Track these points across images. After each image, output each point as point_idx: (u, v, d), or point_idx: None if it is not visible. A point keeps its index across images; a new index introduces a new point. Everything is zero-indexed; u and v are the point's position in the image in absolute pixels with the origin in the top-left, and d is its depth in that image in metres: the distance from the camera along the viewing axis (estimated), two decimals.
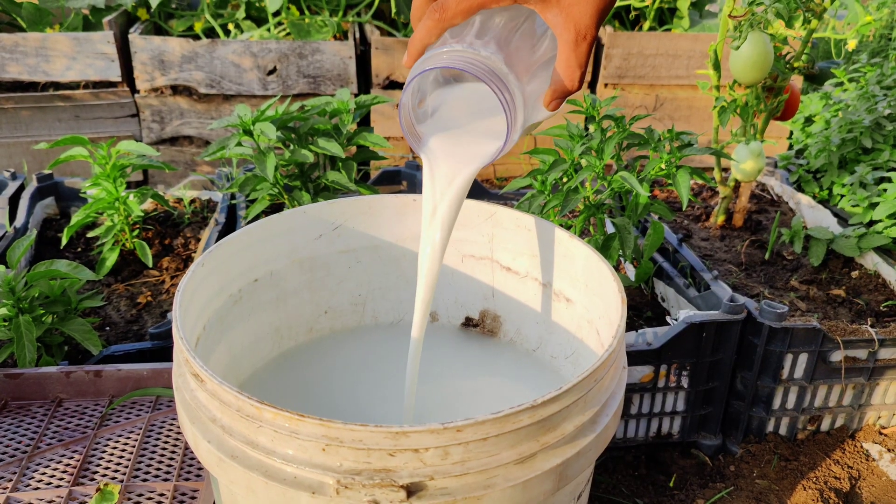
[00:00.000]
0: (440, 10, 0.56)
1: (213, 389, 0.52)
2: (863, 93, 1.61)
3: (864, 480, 1.03)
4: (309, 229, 0.77)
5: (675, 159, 1.02)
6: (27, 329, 0.89)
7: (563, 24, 0.56)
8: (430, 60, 0.57)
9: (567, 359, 0.74)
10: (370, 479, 0.48)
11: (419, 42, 0.58)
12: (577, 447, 0.53)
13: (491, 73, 0.56)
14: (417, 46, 0.59)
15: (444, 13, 0.56)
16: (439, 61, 0.57)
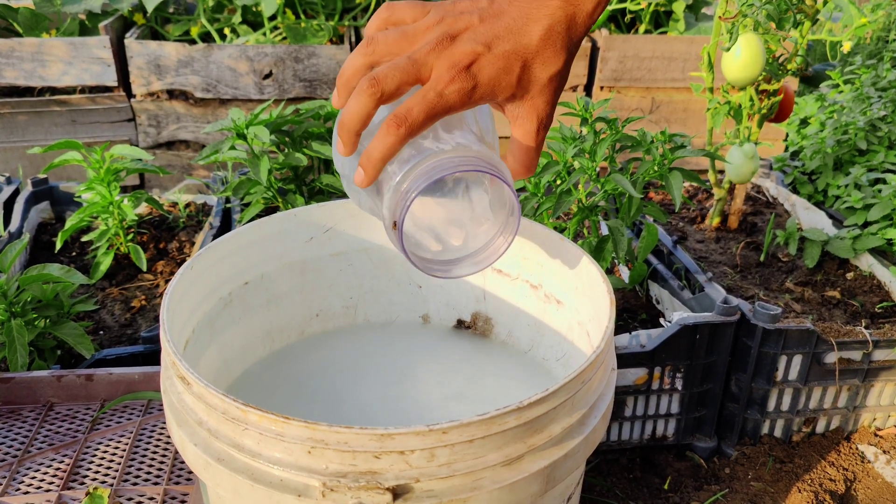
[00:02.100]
0: (402, 123, 0.50)
1: (199, 392, 0.52)
2: (858, 95, 1.61)
3: (860, 482, 1.03)
4: (300, 232, 0.77)
5: (667, 161, 1.02)
6: (19, 333, 0.88)
7: (525, 115, 0.55)
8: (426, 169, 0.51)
9: (558, 360, 0.74)
10: (356, 481, 0.48)
11: (381, 160, 0.51)
12: (564, 449, 0.53)
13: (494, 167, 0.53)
14: (378, 165, 0.52)
15: (409, 128, 0.50)
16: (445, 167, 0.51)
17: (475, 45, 0.52)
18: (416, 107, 0.51)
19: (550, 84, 0.54)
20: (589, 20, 0.54)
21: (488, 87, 0.52)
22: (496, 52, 0.52)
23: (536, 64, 0.53)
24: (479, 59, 0.52)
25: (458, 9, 0.54)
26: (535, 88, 0.54)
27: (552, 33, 0.53)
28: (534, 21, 0.52)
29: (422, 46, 0.52)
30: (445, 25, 0.53)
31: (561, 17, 0.53)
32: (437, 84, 0.51)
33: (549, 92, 0.55)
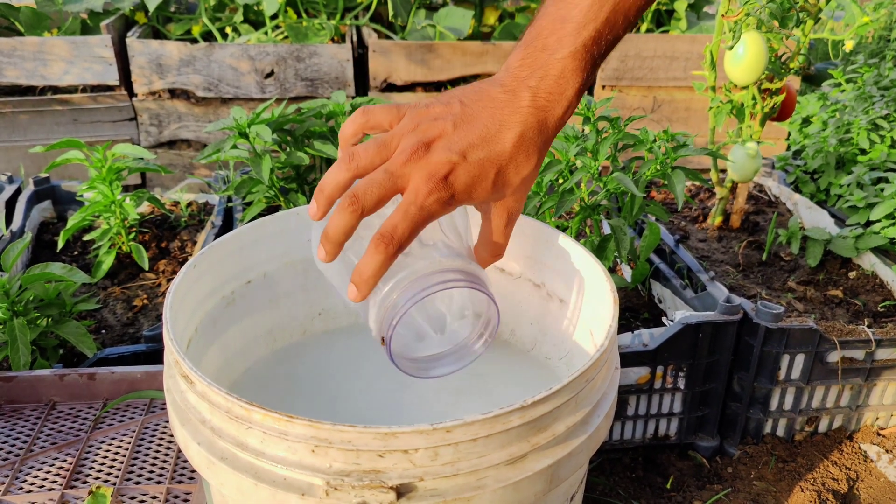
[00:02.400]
0: (389, 241, 0.51)
1: (203, 391, 0.52)
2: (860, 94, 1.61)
3: (863, 482, 1.03)
4: (302, 231, 0.77)
5: (670, 160, 1.02)
6: (21, 332, 0.88)
7: (495, 211, 0.57)
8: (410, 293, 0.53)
9: (561, 359, 0.74)
10: (360, 480, 0.48)
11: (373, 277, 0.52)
12: (568, 448, 0.53)
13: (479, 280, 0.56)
14: (370, 282, 0.52)
15: (397, 244, 0.51)
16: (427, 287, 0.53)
17: (450, 155, 0.52)
18: (400, 224, 0.51)
19: (522, 185, 0.56)
20: (560, 122, 0.55)
21: (465, 194, 0.53)
22: (471, 161, 0.53)
23: (510, 169, 0.54)
24: (455, 169, 0.52)
25: (432, 114, 0.54)
26: (509, 190, 0.56)
27: (524, 139, 0.54)
28: (507, 128, 0.53)
29: (398, 156, 0.52)
30: (420, 133, 0.53)
31: (532, 123, 0.54)
32: (417, 197, 0.52)
33: (522, 192, 0.57)
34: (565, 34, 0.54)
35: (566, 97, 0.54)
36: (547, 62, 0.54)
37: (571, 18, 0.53)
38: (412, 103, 0.56)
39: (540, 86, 0.54)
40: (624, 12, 0.54)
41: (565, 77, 0.54)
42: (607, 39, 0.54)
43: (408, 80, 2.00)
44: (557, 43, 0.54)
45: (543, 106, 0.54)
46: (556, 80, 0.54)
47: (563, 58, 0.53)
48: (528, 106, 0.54)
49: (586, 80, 0.55)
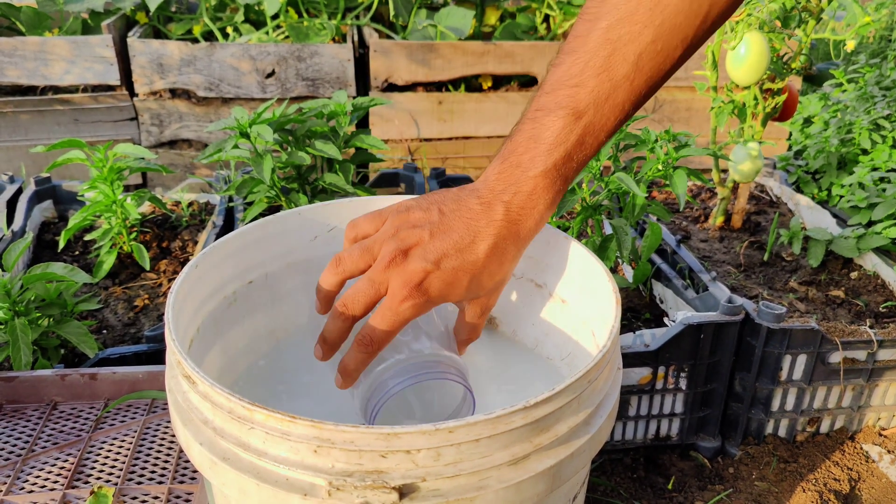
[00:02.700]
0: (369, 343, 0.58)
1: (205, 391, 0.52)
2: (862, 94, 1.60)
3: (864, 482, 1.03)
4: (304, 231, 0.77)
5: (671, 160, 1.02)
6: (23, 332, 0.88)
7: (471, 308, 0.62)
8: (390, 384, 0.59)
9: (563, 360, 0.74)
10: (362, 480, 0.48)
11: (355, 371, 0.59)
12: (570, 448, 0.53)
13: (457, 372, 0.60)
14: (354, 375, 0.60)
15: (376, 345, 0.58)
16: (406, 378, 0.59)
17: (425, 264, 0.56)
18: (378, 326, 0.57)
19: (496, 288, 0.61)
20: (532, 231, 0.59)
21: (439, 298, 0.58)
22: (444, 269, 0.57)
23: (483, 276, 0.58)
24: (429, 276, 0.57)
25: (412, 220, 0.59)
26: (483, 292, 0.60)
27: (497, 249, 0.58)
28: (481, 239, 0.57)
29: (378, 262, 0.58)
30: (399, 240, 0.58)
31: (505, 234, 0.58)
32: (393, 302, 0.57)
33: (496, 291, 0.62)
34: (538, 154, 0.58)
35: (537, 211, 0.58)
36: (520, 179, 0.58)
37: (544, 139, 0.57)
38: (395, 205, 0.62)
39: (513, 200, 0.58)
40: (594, 134, 0.58)
41: (537, 193, 0.58)
42: (578, 159, 0.59)
43: (409, 79, 2.00)
44: (530, 161, 0.58)
45: (515, 219, 0.58)
46: (527, 196, 0.58)
47: (535, 176, 0.58)
48: (501, 219, 0.58)
49: (557, 195, 0.59)
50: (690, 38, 0.57)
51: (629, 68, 0.56)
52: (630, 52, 0.56)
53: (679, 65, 0.59)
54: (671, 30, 0.56)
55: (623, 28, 0.56)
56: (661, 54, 0.57)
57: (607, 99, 0.57)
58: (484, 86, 2.09)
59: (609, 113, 0.58)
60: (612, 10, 0.56)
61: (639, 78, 0.57)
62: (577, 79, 0.57)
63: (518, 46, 2.01)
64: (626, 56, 0.56)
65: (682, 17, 0.55)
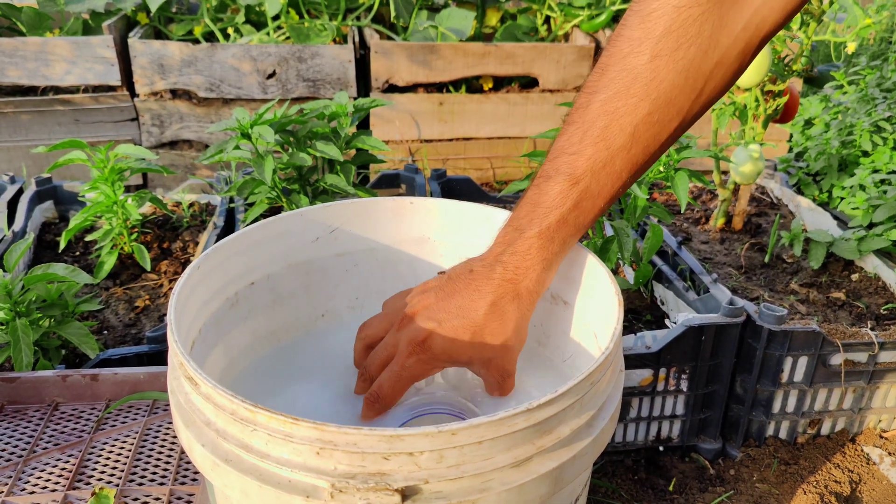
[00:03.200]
0: (377, 399, 0.62)
1: (208, 393, 0.52)
2: (862, 95, 1.61)
3: (865, 484, 1.02)
4: (305, 232, 0.77)
5: (673, 162, 1.02)
6: (24, 332, 0.88)
7: (487, 374, 0.63)
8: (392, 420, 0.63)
9: (565, 361, 0.74)
10: (364, 482, 0.47)
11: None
12: (573, 450, 0.53)
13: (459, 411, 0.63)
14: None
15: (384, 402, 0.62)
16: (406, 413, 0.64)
17: (428, 323, 0.61)
18: (385, 383, 0.62)
19: (504, 348, 0.62)
20: (532, 292, 0.61)
21: (444, 355, 0.61)
22: (446, 327, 0.60)
23: (485, 333, 0.60)
24: (432, 335, 0.61)
25: (424, 287, 0.65)
26: (491, 353, 0.61)
27: (496, 307, 0.60)
28: (480, 297, 0.60)
29: (393, 327, 0.64)
30: (409, 307, 0.63)
31: (503, 293, 0.60)
32: (399, 357, 0.62)
33: (506, 353, 0.62)
34: (535, 217, 0.61)
35: (534, 271, 0.61)
36: (516, 240, 0.61)
37: (542, 204, 0.61)
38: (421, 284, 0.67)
39: (510, 260, 0.61)
40: (591, 199, 0.60)
41: (531, 254, 0.60)
42: (575, 223, 0.61)
43: (410, 80, 2.00)
44: (528, 224, 0.61)
45: (512, 278, 0.60)
46: (522, 255, 0.61)
47: (530, 237, 0.60)
48: (499, 278, 0.60)
49: (554, 256, 0.61)
50: (686, 111, 0.59)
51: (626, 139, 0.58)
52: (627, 124, 0.58)
53: (676, 136, 0.61)
54: (667, 103, 0.57)
55: (620, 101, 0.58)
56: (657, 125, 0.58)
57: (604, 167, 0.59)
58: (485, 87, 2.09)
59: (606, 180, 0.60)
60: (609, 83, 0.58)
61: (636, 147, 0.59)
62: (576, 147, 0.59)
63: (519, 48, 2.01)
64: (623, 127, 0.58)
65: (677, 91, 0.57)
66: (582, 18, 2.18)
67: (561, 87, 2.07)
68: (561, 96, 2.06)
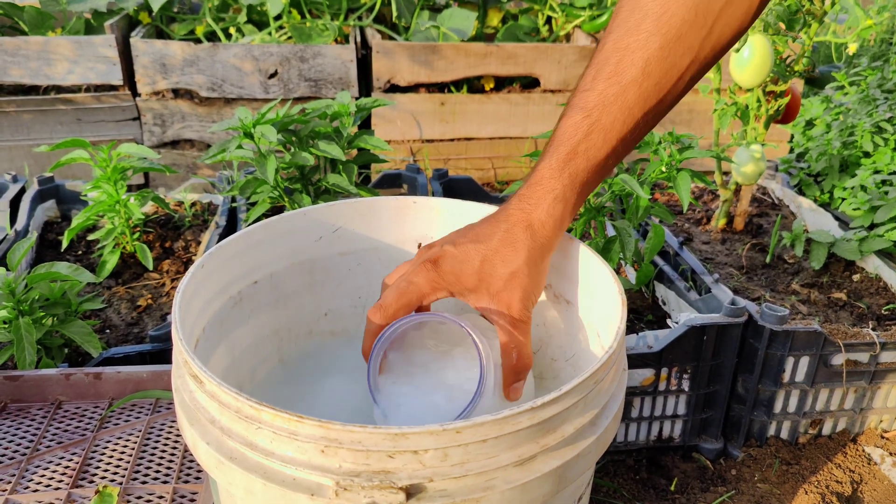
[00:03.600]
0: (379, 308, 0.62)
1: (212, 391, 0.52)
2: (864, 96, 1.61)
3: (866, 484, 1.03)
4: (309, 231, 0.77)
5: (675, 162, 1.02)
6: (27, 331, 0.88)
7: (496, 311, 0.62)
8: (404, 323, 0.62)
9: (567, 361, 0.74)
10: (369, 480, 0.48)
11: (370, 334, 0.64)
12: (576, 449, 0.53)
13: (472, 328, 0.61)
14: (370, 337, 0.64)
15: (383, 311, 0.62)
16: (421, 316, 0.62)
17: (443, 246, 0.63)
18: (390, 294, 0.62)
19: (513, 279, 0.61)
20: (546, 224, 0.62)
21: (452, 275, 0.62)
22: (459, 249, 0.62)
23: (497, 260, 0.61)
24: (444, 255, 0.62)
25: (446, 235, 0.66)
26: (499, 282, 0.61)
27: (509, 234, 0.62)
28: (496, 226, 0.62)
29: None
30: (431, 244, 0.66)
31: (516, 221, 0.62)
32: (408, 275, 0.63)
33: (515, 288, 0.62)
34: (548, 150, 0.63)
35: (545, 201, 0.62)
36: (531, 175, 0.63)
37: (555, 138, 0.63)
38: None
39: (524, 193, 0.63)
40: (602, 131, 0.61)
41: (541, 184, 0.62)
42: (587, 156, 0.61)
43: (411, 80, 2.00)
44: (541, 158, 0.63)
45: (525, 208, 0.62)
46: (534, 187, 0.62)
47: (542, 168, 0.62)
48: (513, 209, 0.63)
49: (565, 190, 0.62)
50: (697, 50, 0.59)
51: (637, 72, 0.59)
52: (638, 58, 0.59)
53: (688, 81, 0.61)
54: (677, 38, 0.58)
55: (631, 37, 0.59)
56: (668, 61, 0.59)
57: (615, 99, 0.60)
58: (486, 87, 2.09)
59: (618, 114, 0.60)
60: (621, 23, 0.60)
61: (647, 82, 0.59)
62: (589, 84, 0.61)
63: (520, 48, 2.01)
64: (634, 61, 0.59)
65: (687, 27, 0.58)
66: (583, 19, 2.18)
67: (562, 88, 2.07)
68: (562, 97, 2.06)
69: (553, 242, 0.63)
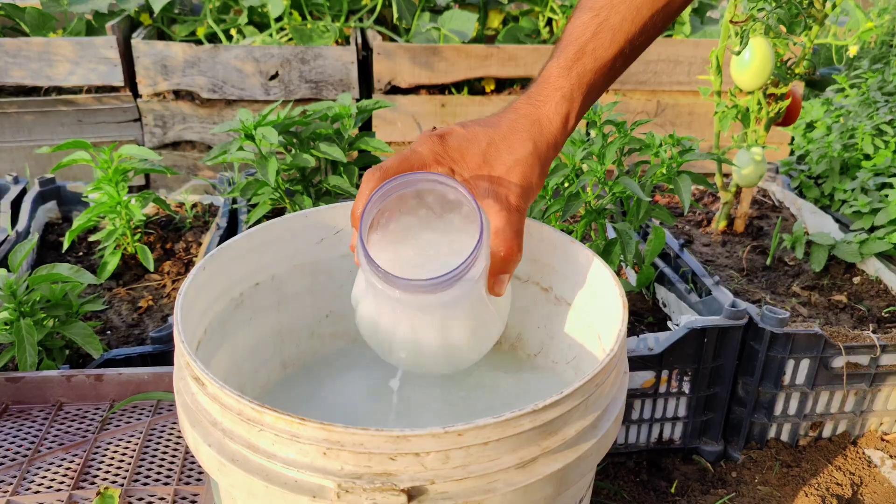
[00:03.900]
0: (377, 169, 0.60)
1: (214, 393, 0.52)
2: (864, 99, 1.61)
3: (866, 487, 1.03)
4: (310, 233, 0.77)
5: (676, 164, 1.02)
6: (28, 333, 0.88)
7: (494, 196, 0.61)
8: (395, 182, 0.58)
9: (568, 363, 0.74)
10: (371, 482, 0.48)
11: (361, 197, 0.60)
12: (578, 452, 0.53)
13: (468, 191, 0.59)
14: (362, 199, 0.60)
15: (384, 171, 0.60)
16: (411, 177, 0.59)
17: (453, 127, 0.62)
18: (392, 159, 0.60)
19: (517, 167, 0.61)
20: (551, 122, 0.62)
21: (456, 151, 0.61)
22: (468, 129, 0.62)
23: (503, 146, 0.61)
24: (452, 132, 0.62)
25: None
26: (502, 167, 0.61)
27: (517, 125, 0.62)
28: (505, 116, 0.63)
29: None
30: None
31: (525, 113, 0.62)
32: (414, 144, 0.61)
33: (517, 176, 0.61)
34: (557, 50, 0.64)
35: (552, 98, 0.63)
36: (539, 75, 0.64)
37: (564, 38, 0.64)
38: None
39: (533, 90, 0.64)
40: (610, 31, 0.62)
41: (549, 81, 0.63)
42: (594, 55, 0.63)
43: (412, 82, 2.00)
44: (549, 59, 0.64)
45: (534, 103, 0.63)
46: (542, 84, 0.63)
47: (550, 66, 0.63)
48: (522, 104, 0.63)
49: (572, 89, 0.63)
50: None
51: None
52: None
53: None
54: None
55: None
56: None
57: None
58: (487, 89, 2.09)
59: (626, 13, 0.61)
60: None
61: None
62: None
63: (521, 50, 2.02)
64: None
65: None
66: None
67: None
68: None
69: (559, 141, 0.63)
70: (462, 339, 0.62)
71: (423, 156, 0.60)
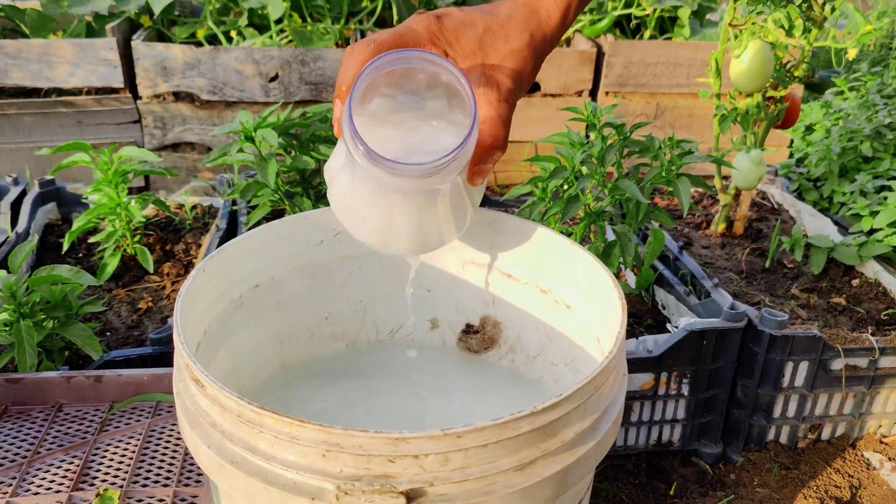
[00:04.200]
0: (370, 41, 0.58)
1: (214, 395, 0.52)
2: (863, 102, 1.61)
3: (865, 489, 1.03)
4: (310, 235, 0.77)
5: (675, 167, 1.02)
6: (28, 334, 0.89)
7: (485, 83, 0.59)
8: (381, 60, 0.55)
9: (567, 365, 0.74)
10: (370, 485, 0.48)
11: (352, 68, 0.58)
12: (577, 454, 0.53)
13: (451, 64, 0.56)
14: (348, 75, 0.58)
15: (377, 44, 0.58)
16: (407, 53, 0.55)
17: (450, 8, 0.61)
18: (386, 33, 0.58)
19: (511, 57, 0.60)
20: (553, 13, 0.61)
21: (452, 33, 0.59)
22: (465, 12, 0.60)
23: (499, 34, 0.60)
24: (449, 13, 0.60)
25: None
26: (496, 55, 0.60)
27: (515, 14, 0.61)
28: (502, 7, 0.61)
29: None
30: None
31: (524, 3, 0.61)
32: (409, 21, 0.59)
33: (511, 65, 0.60)
34: None
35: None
36: None
37: None
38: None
39: None
40: None
41: None
42: None
43: None
44: None
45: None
46: None
47: None
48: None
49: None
50: None
51: None
52: None
53: None
54: None
55: None
56: None
57: None
58: None
59: None
60: None
61: None
62: None
63: None
64: None
65: None
66: (583, 23, 2.19)
67: (562, 92, 2.08)
68: (562, 101, 2.07)
69: (556, 37, 0.62)
70: (434, 226, 0.61)
71: (419, 34, 0.59)
